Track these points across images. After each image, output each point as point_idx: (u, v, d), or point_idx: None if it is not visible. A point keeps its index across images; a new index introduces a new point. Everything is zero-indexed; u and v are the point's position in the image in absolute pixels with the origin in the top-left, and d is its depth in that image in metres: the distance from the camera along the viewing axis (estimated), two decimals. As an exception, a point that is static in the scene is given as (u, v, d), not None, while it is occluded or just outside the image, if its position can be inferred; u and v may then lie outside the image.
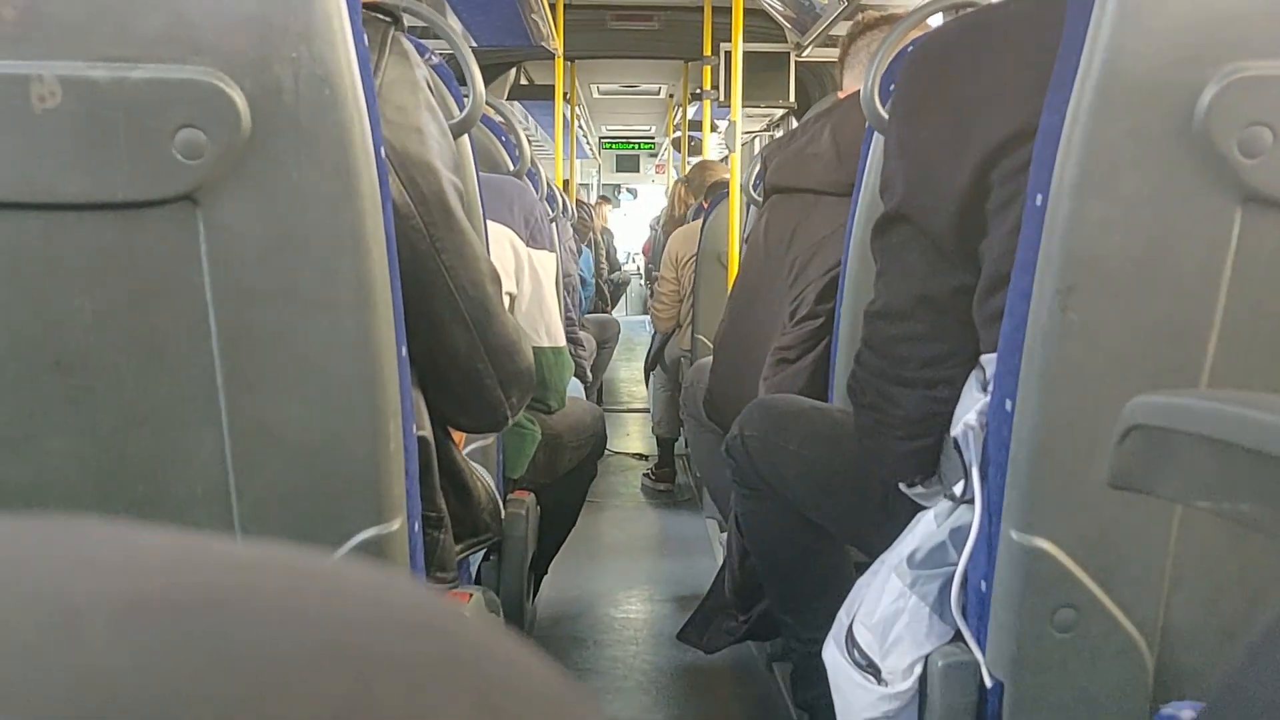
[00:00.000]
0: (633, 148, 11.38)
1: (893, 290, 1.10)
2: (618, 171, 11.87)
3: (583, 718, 0.21)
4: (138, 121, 0.80)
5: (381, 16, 1.04)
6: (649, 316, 4.35)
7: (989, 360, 1.02)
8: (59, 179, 0.81)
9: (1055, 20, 0.93)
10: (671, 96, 7.59)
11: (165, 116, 0.80)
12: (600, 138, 11.15)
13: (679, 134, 7.04)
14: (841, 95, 1.91)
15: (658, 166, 11.73)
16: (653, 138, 10.98)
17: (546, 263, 1.81)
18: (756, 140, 6.25)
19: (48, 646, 0.17)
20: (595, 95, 7.86)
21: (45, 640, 0.17)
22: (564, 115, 5.30)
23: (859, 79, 1.84)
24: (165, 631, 0.17)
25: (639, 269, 9.91)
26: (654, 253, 6.21)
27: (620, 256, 9.84)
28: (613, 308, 7.16)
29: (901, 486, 1.20)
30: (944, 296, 1.06)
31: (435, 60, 1.37)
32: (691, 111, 6.59)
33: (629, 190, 13.74)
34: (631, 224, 13.47)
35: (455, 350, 1.10)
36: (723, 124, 3.50)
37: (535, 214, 1.82)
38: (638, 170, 11.83)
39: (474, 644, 0.20)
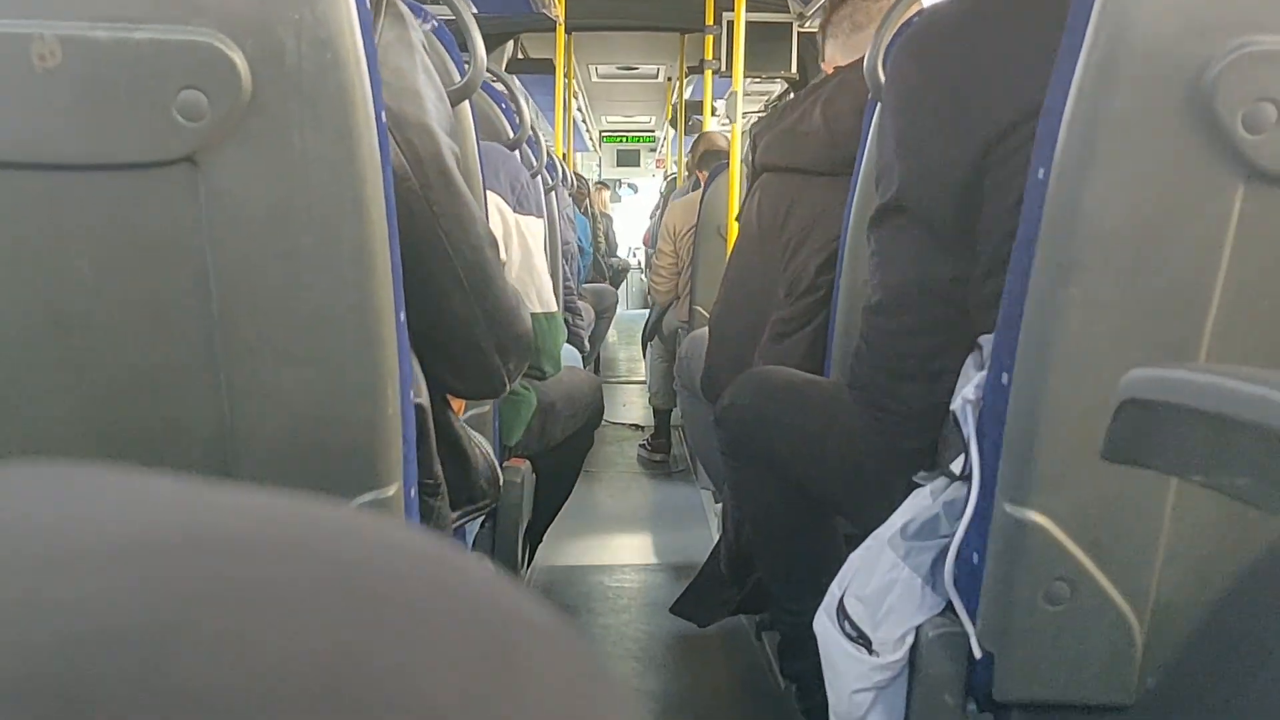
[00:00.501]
0: (633, 141, 11.32)
1: (890, 284, 1.08)
2: (618, 166, 11.80)
3: (579, 651, 0.21)
4: (138, 82, 0.80)
5: None
6: (648, 292, 4.35)
7: (986, 340, 1.02)
8: (59, 139, 0.81)
9: (1051, 4, 0.92)
10: (670, 80, 7.53)
11: (166, 78, 0.80)
12: (601, 131, 11.09)
13: (678, 113, 6.99)
14: (825, 66, 1.89)
15: (658, 161, 11.67)
16: (652, 131, 10.93)
17: (534, 228, 1.81)
18: (754, 124, 6.21)
19: (44, 588, 0.17)
20: (594, 79, 7.80)
21: (42, 582, 0.17)
22: (563, 92, 5.26)
23: (841, 50, 1.82)
24: (163, 571, 0.17)
25: (639, 263, 9.90)
26: (653, 239, 6.20)
27: (621, 251, 9.82)
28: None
29: None
30: (942, 286, 1.05)
31: (434, 24, 1.36)
32: (689, 91, 6.55)
33: (629, 185, 13.68)
34: (631, 217, 13.43)
35: (453, 315, 1.10)
36: (721, 102, 3.48)
37: (521, 180, 1.81)
38: (638, 165, 11.76)
39: (478, 580, 0.21)
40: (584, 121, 9.47)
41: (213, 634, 0.17)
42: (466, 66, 1.39)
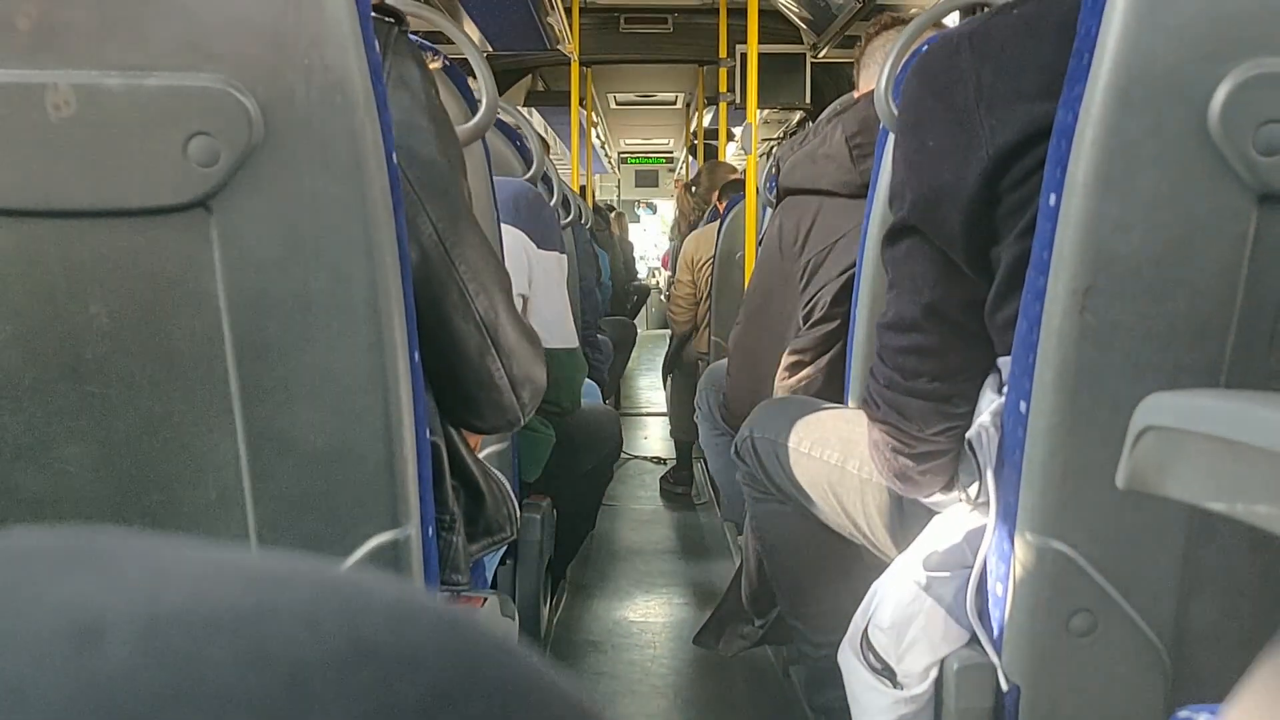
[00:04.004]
0: (652, 163, 11.38)
1: (903, 302, 1.08)
2: (637, 187, 11.86)
3: None
4: (151, 129, 0.81)
5: (385, 18, 1.04)
6: (668, 320, 4.35)
7: (1004, 362, 1.01)
8: (73, 187, 0.82)
9: (1059, 25, 0.92)
10: (688, 106, 7.59)
11: (179, 124, 0.81)
12: (619, 153, 11.17)
13: (695, 141, 7.04)
14: (856, 95, 1.91)
15: (676, 181, 11.74)
16: (671, 152, 10.99)
17: (557, 264, 1.81)
18: (773, 148, 6.24)
19: (71, 660, 0.17)
20: (613, 105, 7.86)
21: (69, 653, 0.17)
22: (580, 122, 5.31)
23: (874, 79, 1.84)
24: (188, 645, 0.18)
25: (658, 283, 9.92)
26: (672, 262, 6.22)
27: (640, 271, 9.84)
28: (633, 319, 7.17)
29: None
30: (955, 308, 1.04)
31: (443, 61, 1.37)
32: (708, 119, 6.59)
33: (648, 205, 13.76)
34: (651, 238, 13.53)
35: (466, 350, 1.10)
36: (739, 130, 3.50)
37: (544, 216, 1.82)
38: (657, 185, 11.82)
39: (491, 649, 0.21)
40: (603, 146, 9.53)
41: (244, 708, 0.17)
42: (480, 104, 1.40)
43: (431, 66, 1.13)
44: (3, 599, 0.18)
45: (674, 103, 7.80)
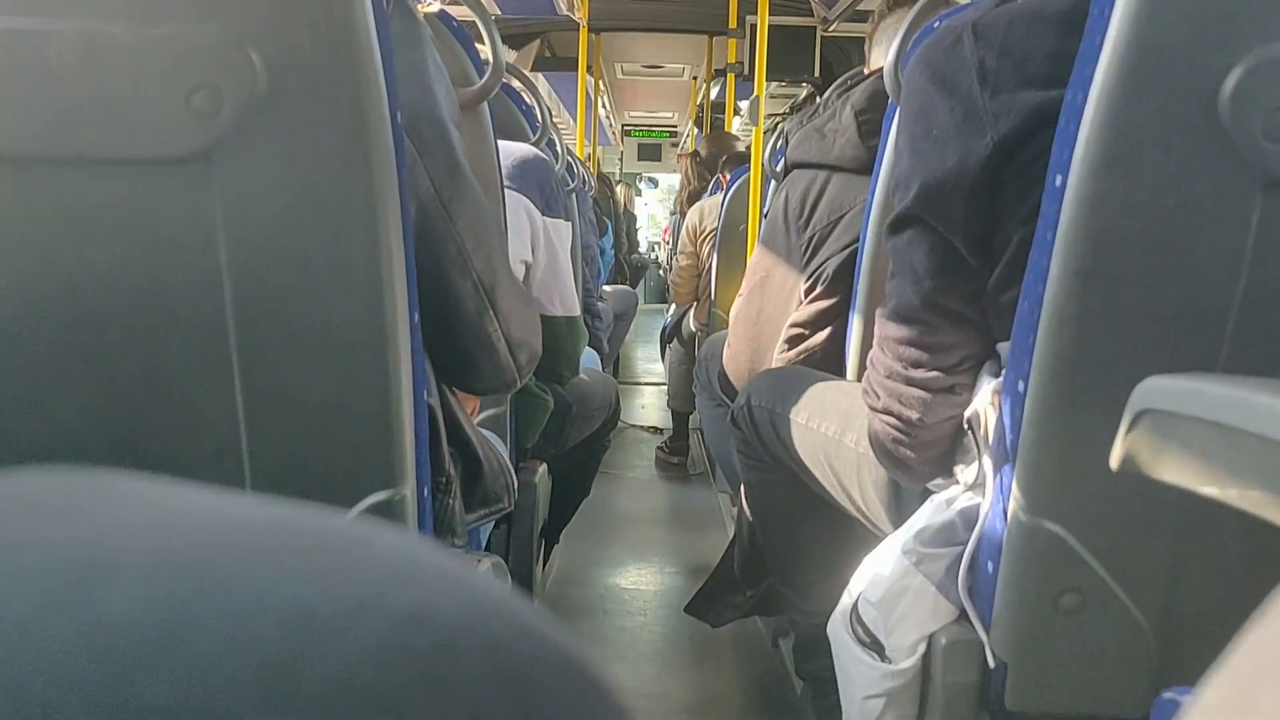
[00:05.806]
0: (655, 136, 11.30)
1: (904, 292, 1.07)
2: (639, 160, 11.79)
3: (596, 678, 0.21)
4: (155, 79, 0.80)
5: None
6: (669, 293, 4.35)
7: (1003, 348, 1.01)
8: (76, 135, 0.81)
9: (1062, 14, 0.91)
10: (695, 79, 7.55)
11: (182, 74, 0.80)
12: (623, 125, 11.10)
13: (702, 114, 7.00)
14: (867, 71, 1.90)
15: (679, 155, 11.64)
16: (675, 126, 10.93)
17: (562, 231, 1.80)
18: (779, 123, 6.20)
19: (73, 601, 0.17)
20: (619, 75, 7.81)
21: (72, 595, 0.17)
22: (587, 89, 5.28)
23: (885, 56, 1.83)
24: (192, 591, 0.18)
25: (657, 258, 9.88)
26: (674, 234, 6.20)
27: (641, 246, 9.82)
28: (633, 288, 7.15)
29: None
30: (955, 299, 1.04)
31: (439, 10, 1.36)
32: (715, 92, 6.56)
33: (650, 179, 13.68)
34: (651, 212, 13.51)
35: (464, 308, 1.10)
36: (745, 104, 3.49)
37: (550, 183, 1.80)
38: (659, 159, 11.75)
39: (494, 603, 0.21)
40: (607, 117, 9.47)
41: (246, 650, 0.17)
42: (486, 66, 1.39)
43: (425, 10, 1.12)
44: (8, 538, 0.19)
45: (680, 75, 7.75)
